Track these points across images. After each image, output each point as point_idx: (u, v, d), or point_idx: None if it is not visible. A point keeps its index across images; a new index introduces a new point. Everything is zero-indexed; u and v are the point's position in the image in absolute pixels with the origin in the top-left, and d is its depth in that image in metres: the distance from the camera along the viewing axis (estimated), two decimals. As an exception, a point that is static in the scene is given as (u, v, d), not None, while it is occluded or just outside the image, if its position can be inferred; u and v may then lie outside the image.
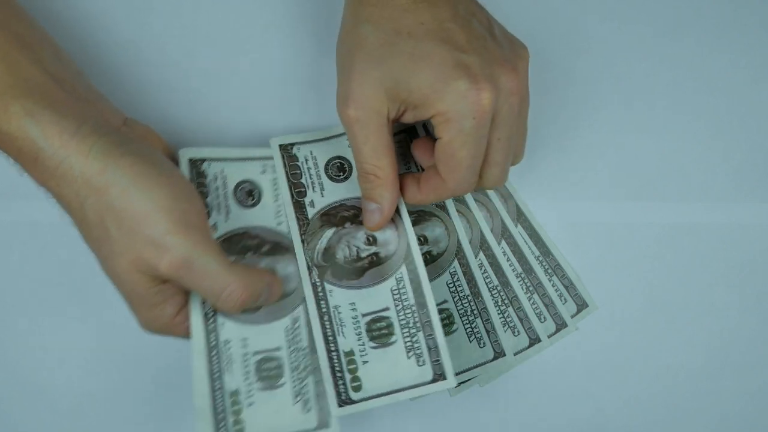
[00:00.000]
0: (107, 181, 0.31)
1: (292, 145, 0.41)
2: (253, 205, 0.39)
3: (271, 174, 0.40)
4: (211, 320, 0.36)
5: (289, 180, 0.40)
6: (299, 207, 0.39)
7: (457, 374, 0.41)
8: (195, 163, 0.38)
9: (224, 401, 0.35)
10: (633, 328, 0.44)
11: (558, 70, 0.45)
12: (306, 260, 0.38)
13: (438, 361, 0.36)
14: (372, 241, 0.39)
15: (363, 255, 0.39)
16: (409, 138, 0.43)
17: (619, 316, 0.44)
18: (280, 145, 0.41)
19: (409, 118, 0.35)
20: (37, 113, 0.31)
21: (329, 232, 0.39)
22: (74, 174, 0.31)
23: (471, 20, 0.34)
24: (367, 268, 0.39)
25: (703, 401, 0.44)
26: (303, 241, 0.39)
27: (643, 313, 0.44)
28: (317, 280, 0.38)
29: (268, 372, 0.36)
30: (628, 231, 0.44)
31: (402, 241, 0.39)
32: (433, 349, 0.37)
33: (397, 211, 0.39)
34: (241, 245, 0.38)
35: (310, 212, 0.39)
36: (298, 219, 0.39)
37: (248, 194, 0.39)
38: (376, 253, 0.39)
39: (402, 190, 0.37)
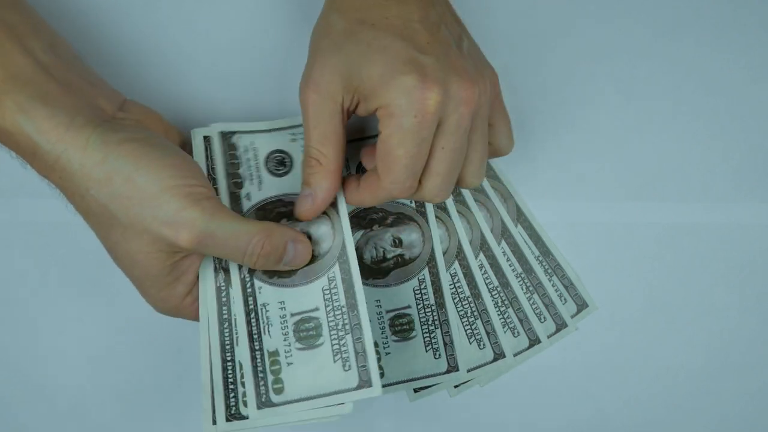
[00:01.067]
0: (109, 170, 0.31)
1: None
2: (285, 173, 0.39)
3: (301, 141, 0.39)
4: (249, 286, 0.37)
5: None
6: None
7: (463, 373, 0.41)
8: (226, 136, 0.39)
9: (264, 361, 0.36)
10: (633, 328, 0.44)
11: (558, 70, 0.45)
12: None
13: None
14: (398, 243, 0.40)
15: (389, 256, 0.40)
16: None
17: (619, 316, 0.44)
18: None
19: (362, 110, 0.34)
20: (29, 108, 0.31)
21: (357, 234, 0.40)
22: (74, 167, 0.31)
23: (440, 26, 0.34)
24: (393, 268, 0.40)
25: (703, 401, 0.44)
26: None
27: (643, 313, 0.44)
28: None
29: (306, 332, 0.36)
30: (628, 231, 0.44)
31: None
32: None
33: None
34: (275, 212, 0.38)
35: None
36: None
37: (280, 163, 0.40)
38: (401, 255, 0.40)
39: (343, 189, 0.37)
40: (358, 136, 0.42)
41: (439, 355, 0.40)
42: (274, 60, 0.42)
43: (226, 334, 0.36)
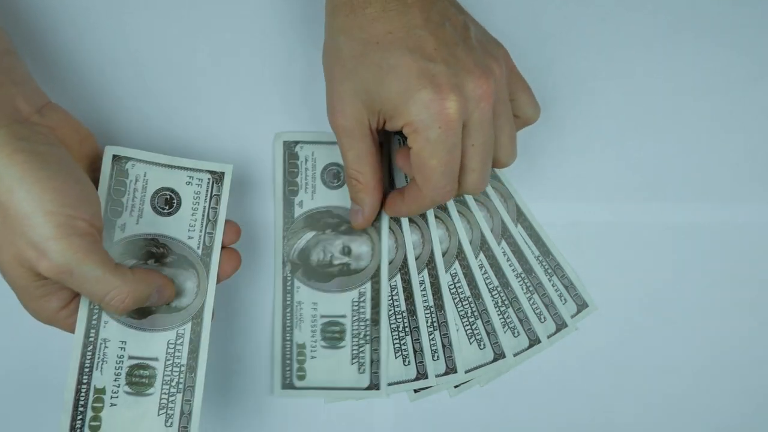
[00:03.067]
0: None
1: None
2: (338, 187, 0.42)
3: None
4: (288, 283, 0.41)
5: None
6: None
7: (459, 374, 0.41)
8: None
9: (292, 352, 0.41)
10: (633, 328, 0.44)
11: (558, 70, 0.45)
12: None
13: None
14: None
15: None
16: None
17: (619, 316, 0.44)
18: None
19: (390, 127, 0.35)
20: None
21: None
22: None
23: (443, 24, 0.34)
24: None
25: (703, 401, 0.44)
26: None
27: (643, 313, 0.44)
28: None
29: (332, 333, 0.41)
30: (627, 231, 0.44)
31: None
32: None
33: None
34: (323, 222, 0.41)
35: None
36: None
37: (335, 176, 0.42)
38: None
39: (389, 203, 0.39)
40: None
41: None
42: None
43: (88, 356, 0.36)
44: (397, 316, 0.42)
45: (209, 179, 0.38)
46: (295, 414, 0.43)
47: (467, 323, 0.43)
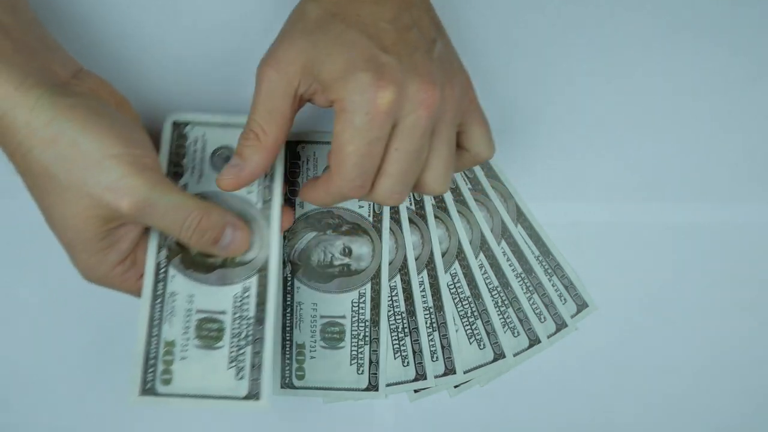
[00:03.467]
0: (55, 132, 0.31)
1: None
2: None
3: None
4: (288, 284, 0.41)
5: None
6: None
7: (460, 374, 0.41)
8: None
9: (292, 352, 0.41)
10: (633, 328, 0.44)
11: (557, 70, 0.45)
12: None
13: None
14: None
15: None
16: None
17: (619, 316, 0.44)
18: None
19: (318, 100, 0.34)
20: None
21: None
22: (18, 125, 0.31)
23: (411, 28, 0.34)
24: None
25: (703, 401, 0.44)
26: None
27: (643, 313, 0.44)
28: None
29: (331, 334, 0.41)
30: (627, 231, 0.44)
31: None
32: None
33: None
34: (324, 222, 0.42)
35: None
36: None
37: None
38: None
39: (303, 187, 0.37)
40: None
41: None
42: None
43: (157, 309, 0.36)
44: (397, 317, 0.42)
45: None
46: (295, 414, 0.43)
47: (467, 323, 0.43)
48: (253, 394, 0.36)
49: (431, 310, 0.42)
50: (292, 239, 0.42)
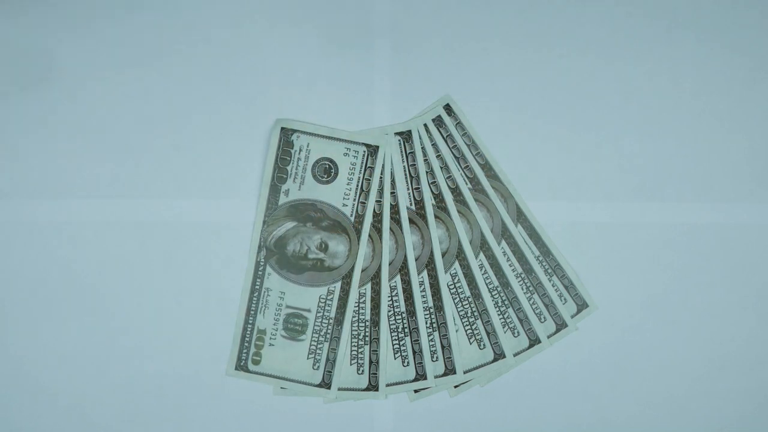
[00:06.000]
0: None
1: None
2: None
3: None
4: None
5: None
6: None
7: (460, 374, 0.41)
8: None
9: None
10: (633, 328, 0.44)
11: (558, 70, 0.45)
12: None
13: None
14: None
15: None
16: None
17: (619, 316, 0.44)
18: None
19: None
20: None
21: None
22: None
23: None
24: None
25: (703, 401, 0.44)
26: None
27: (643, 313, 0.44)
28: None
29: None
30: (628, 231, 0.44)
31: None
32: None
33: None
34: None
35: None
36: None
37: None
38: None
39: None
40: None
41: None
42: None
43: (254, 300, 0.42)
44: (397, 317, 0.42)
45: (365, 151, 0.42)
46: (295, 414, 0.43)
47: (467, 323, 0.43)
48: (325, 384, 0.42)
49: (431, 310, 0.42)
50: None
